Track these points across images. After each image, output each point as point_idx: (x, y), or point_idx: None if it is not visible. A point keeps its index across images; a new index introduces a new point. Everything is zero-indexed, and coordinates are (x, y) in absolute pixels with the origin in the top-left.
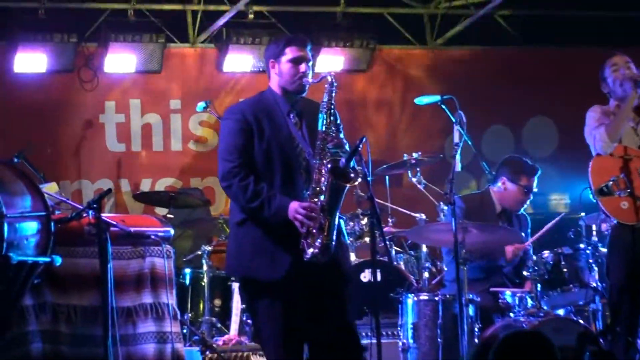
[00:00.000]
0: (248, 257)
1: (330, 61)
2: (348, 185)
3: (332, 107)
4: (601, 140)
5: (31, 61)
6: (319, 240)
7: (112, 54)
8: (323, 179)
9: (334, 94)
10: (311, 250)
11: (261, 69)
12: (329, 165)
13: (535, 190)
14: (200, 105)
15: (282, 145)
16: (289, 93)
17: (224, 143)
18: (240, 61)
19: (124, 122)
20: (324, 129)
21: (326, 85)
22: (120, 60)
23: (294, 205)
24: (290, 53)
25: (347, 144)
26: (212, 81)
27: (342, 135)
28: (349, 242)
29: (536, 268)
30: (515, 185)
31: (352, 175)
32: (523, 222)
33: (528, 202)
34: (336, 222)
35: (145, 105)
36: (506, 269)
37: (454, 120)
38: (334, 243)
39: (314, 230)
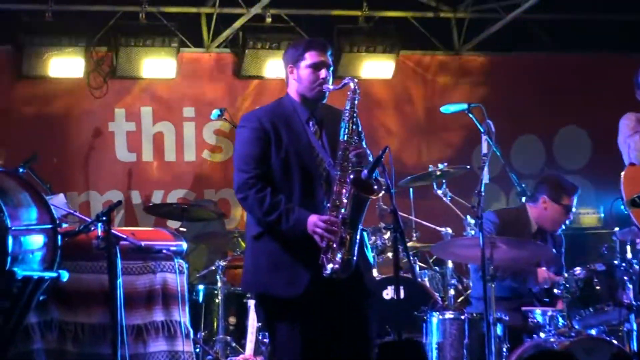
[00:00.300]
0: (265, 273)
1: (352, 67)
2: (371, 197)
3: (355, 115)
4: (635, 149)
5: (38, 66)
6: (339, 255)
7: (123, 59)
8: (344, 190)
9: (356, 102)
10: (331, 265)
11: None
12: (351, 176)
13: (574, 210)
14: (215, 112)
15: (301, 155)
16: (308, 100)
17: (239, 152)
18: (257, 67)
19: (135, 130)
20: (345, 138)
21: (349, 93)
22: (131, 66)
23: (313, 219)
24: (309, 58)
25: (370, 154)
26: (227, 88)
27: (364, 144)
28: (372, 256)
29: (567, 286)
30: (557, 205)
31: (375, 186)
32: (558, 243)
33: (568, 223)
34: (358, 236)
35: (157, 113)
36: (535, 288)
37: (481, 129)
38: (355, 258)
39: (335, 245)
